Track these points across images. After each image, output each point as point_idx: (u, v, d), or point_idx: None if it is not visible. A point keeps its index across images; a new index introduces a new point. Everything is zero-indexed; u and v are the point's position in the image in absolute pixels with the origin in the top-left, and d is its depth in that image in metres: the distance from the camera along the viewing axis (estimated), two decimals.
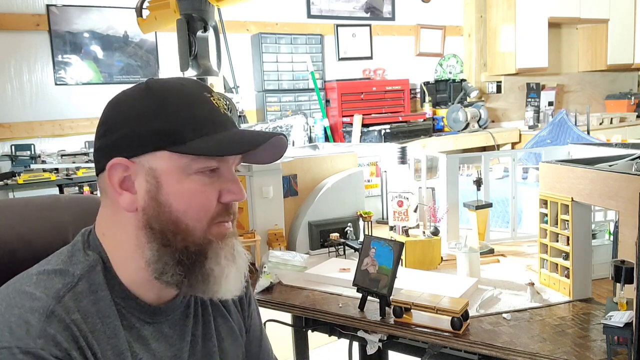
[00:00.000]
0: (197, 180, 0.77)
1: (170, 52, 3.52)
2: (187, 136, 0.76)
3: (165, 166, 0.76)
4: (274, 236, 1.61)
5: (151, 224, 0.77)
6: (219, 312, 0.92)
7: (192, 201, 0.77)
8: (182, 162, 0.76)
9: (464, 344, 1.07)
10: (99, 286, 0.76)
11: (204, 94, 0.81)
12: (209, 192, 0.78)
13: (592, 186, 1.12)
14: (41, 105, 3.23)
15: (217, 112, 0.81)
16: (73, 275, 0.75)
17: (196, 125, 0.77)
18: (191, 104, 0.78)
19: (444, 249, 1.54)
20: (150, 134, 0.76)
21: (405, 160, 1.94)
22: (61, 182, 2.91)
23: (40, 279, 0.74)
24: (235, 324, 0.94)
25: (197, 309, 0.88)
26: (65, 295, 0.72)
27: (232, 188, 0.79)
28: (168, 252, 0.77)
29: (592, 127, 4.34)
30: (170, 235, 0.76)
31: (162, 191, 0.76)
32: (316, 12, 4.26)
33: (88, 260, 0.77)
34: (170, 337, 0.83)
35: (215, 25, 1.97)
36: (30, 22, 3.16)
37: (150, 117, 0.76)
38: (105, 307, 0.75)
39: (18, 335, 0.67)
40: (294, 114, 3.84)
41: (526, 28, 4.82)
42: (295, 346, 1.80)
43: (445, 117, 4.48)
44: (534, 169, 2.07)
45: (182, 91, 0.79)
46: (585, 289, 1.23)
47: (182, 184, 0.76)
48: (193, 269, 0.78)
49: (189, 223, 0.77)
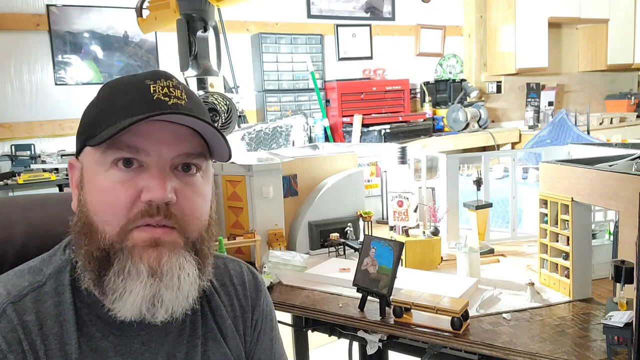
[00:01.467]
0: (111, 176, 0.70)
1: (170, 52, 3.51)
2: (100, 127, 0.70)
3: (87, 162, 0.73)
4: (274, 236, 1.61)
5: (77, 225, 0.73)
6: (211, 335, 0.81)
7: (102, 199, 0.70)
8: (96, 156, 0.71)
9: (464, 344, 1.07)
10: (64, 288, 0.72)
11: (144, 81, 0.72)
12: (120, 189, 0.69)
13: (592, 186, 1.12)
14: (41, 105, 3.23)
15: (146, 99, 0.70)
16: (43, 274, 0.73)
17: (110, 115, 0.70)
18: (118, 94, 0.72)
19: (444, 249, 1.54)
20: (81, 131, 0.74)
21: (405, 160, 1.94)
22: (61, 182, 2.91)
23: (15, 276, 0.74)
24: (231, 351, 0.82)
25: (184, 329, 0.79)
26: (27, 295, 0.71)
27: (150, 185, 0.69)
28: (83, 255, 0.71)
29: (592, 127, 4.34)
30: (84, 237, 0.71)
31: (83, 190, 0.73)
32: (316, 12, 4.26)
33: (61, 260, 0.75)
34: (141, 354, 0.74)
35: (215, 25, 1.97)
36: (30, 22, 3.16)
37: (85, 113, 0.75)
38: (64, 311, 0.71)
39: None
40: (294, 114, 3.84)
41: (526, 28, 4.82)
42: (295, 346, 1.80)
43: (445, 117, 4.48)
44: (534, 169, 2.07)
45: (121, 82, 0.74)
46: (585, 289, 1.23)
47: (96, 181, 0.71)
48: (99, 278, 0.70)
49: (99, 225, 0.70)
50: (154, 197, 0.69)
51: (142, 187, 0.69)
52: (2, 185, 2.79)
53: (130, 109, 0.70)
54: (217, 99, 1.90)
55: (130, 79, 0.74)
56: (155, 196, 0.69)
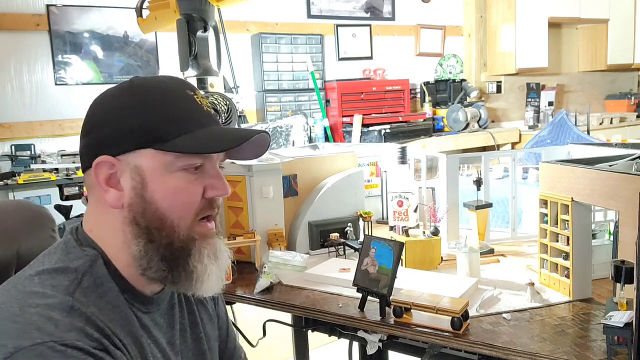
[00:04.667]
0: (181, 177, 0.78)
1: (170, 52, 3.52)
2: (170, 134, 0.77)
3: (150, 164, 0.77)
4: (274, 236, 1.61)
5: (137, 221, 0.78)
6: (199, 299, 0.95)
7: (177, 198, 0.78)
8: (166, 160, 0.77)
9: (464, 344, 1.07)
10: (104, 279, 0.77)
11: (186, 91, 0.81)
12: (192, 189, 0.79)
13: (592, 186, 1.12)
14: (41, 105, 3.23)
15: (200, 109, 0.81)
16: (76, 271, 0.75)
17: (178, 123, 0.77)
18: (172, 101, 0.79)
19: (444, 249, 1.54)
20: (132, 131, 0.76)
21: (405, 160, 1.94)
22: (61, 182, 2.91)
23: (43, 279, 0.73)
24: (211, 310, 0.99)
25: (181, 299, 0.92)
26: (75, 291, 0.73)
27: (216, 184, 0.81)
28: (153, 248, 0.78)
29: (592, 127, 4.34)
30: (155, 231, 0.78)
31: (148, 188, 0.77)
32: (316, 12, 4.26)
33: (88, 256, 0.78)
34: (162, 325, 0.85)
35: (215, 25, 1.97)
36: (30, 22, 3.16)
37: (132, 114, 0.77)
38: (114, 298, 0.76)
39: (48, 330, 0.66)
40: (294, 114, 3.84)
41: (526, 28, 4.82)
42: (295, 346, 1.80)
43: (445, 117, 4.48)
44: (534, 169, 2.07)
45: (164, 88, 0.80)
46: (585, 289, 1.23)
47: (167, 181, 0.78)
48: (176, 265, 0.79)
49: (174, 220, 0.78)
50: (220, 194, 0.82)
51: (205, 185, 0.80)
52: (2, 185, 2.79)
53: (198, 120, 0.80)
54: (217, 99, 1.90)
55: (163, 85, 0.81)
56: (221, 192, 0.82)
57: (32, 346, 0.64)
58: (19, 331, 0.65)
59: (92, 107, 0.82)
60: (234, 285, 1.44)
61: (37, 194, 2.89)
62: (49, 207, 2.78)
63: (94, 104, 0.82)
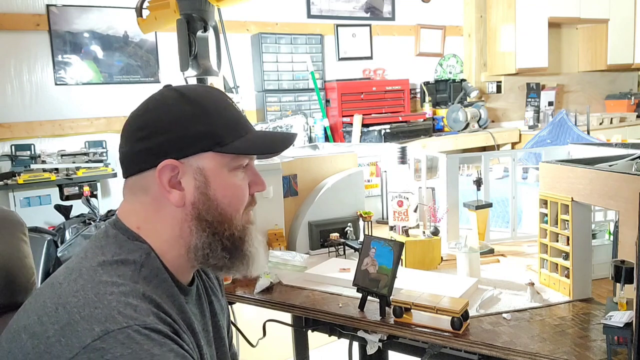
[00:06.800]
0: (236, 176, 0.89)
1: (170, 52, 3.52)
2: (228, 138, 0.86)
3: (211, 165, 0.86)
4: (274, 236, 1.61)
5: (201, 216, 0.86)
6: (213, 291, 1.02)
7: (234, 193, 0.89)
8: (225, 161, 0.87)
9: (464, 344, 1.07)
10: (159, 270, 0.83)
11: (227, 100, 0.91)
12: (244, 186, 0.91)
13: (592, 186, 1.12)
14: (41, 105, 3.23)
15: (242, 115, 0.91)
16: (135, 262, 0.81)
17: (233, 128, 0.88)
18: (224, 109, 0.88)
19: (444, 249, 1.54)
20: (195, 137, 0.84)
21: (405, 160, 1.94)
22: (61, 182, 2.91)
23: (107, 270, 0.78)
24: (223, 302, 1.06)
25: (202, 290, 0.98)
26: (139, 281, 0.78)
27: (258, 181, 0.93)
28: (216, 239, 0.87)
29: (592, 127, 4.34)
30: (218, 224, 0.87)
31: (210, 187, 0.86)
32: (316, 12, 4.26)
33: (142, 249, 0.83)
34: (196, 314, 0.92)
35: (215, 25, 1.97)
36: (30, 22, 3.16)
37: (193, 121, 0.84)
38: (169, 287, 0.83)
39: (130, 315, 0.70)
40: (294, 114, 3.84)
41: (526, 28, 4.82)
42: (295, 346, 1.80)
43: (445, 117, 4.48)
44: (534, 169, 2.07)
45: (214, 98, 0.89)
46: (585, 289, 1.23)
47: (226, 180, 0.87)
48: (236, 252, 0.89)
49: (232, 213, 0.88)
50: (262, 189, 0.94)
51: (249, 182, 0.92)
52: (2, 185, 2.79)
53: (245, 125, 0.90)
54: None
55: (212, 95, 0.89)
56: (262, 188, 0.94)
57: (120, 329, 0.68)
58: (104, 315, 0.69)
59: (146, 114, 0.86)
60: (234, 285, 1.44)
61: (37, 194, 2.89)
62: (49, 207, 2.79)
63: (148, 112, 0.86)
